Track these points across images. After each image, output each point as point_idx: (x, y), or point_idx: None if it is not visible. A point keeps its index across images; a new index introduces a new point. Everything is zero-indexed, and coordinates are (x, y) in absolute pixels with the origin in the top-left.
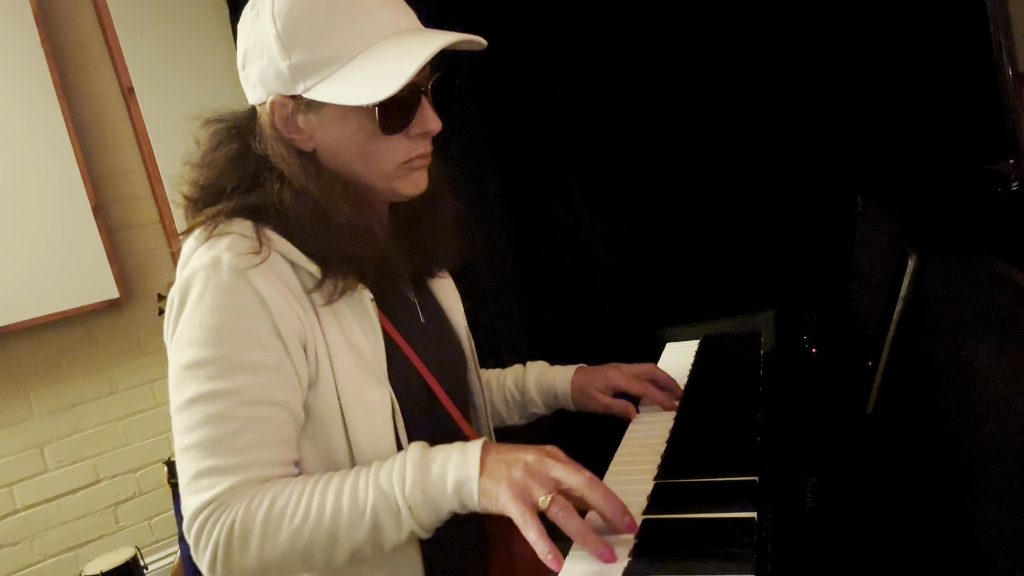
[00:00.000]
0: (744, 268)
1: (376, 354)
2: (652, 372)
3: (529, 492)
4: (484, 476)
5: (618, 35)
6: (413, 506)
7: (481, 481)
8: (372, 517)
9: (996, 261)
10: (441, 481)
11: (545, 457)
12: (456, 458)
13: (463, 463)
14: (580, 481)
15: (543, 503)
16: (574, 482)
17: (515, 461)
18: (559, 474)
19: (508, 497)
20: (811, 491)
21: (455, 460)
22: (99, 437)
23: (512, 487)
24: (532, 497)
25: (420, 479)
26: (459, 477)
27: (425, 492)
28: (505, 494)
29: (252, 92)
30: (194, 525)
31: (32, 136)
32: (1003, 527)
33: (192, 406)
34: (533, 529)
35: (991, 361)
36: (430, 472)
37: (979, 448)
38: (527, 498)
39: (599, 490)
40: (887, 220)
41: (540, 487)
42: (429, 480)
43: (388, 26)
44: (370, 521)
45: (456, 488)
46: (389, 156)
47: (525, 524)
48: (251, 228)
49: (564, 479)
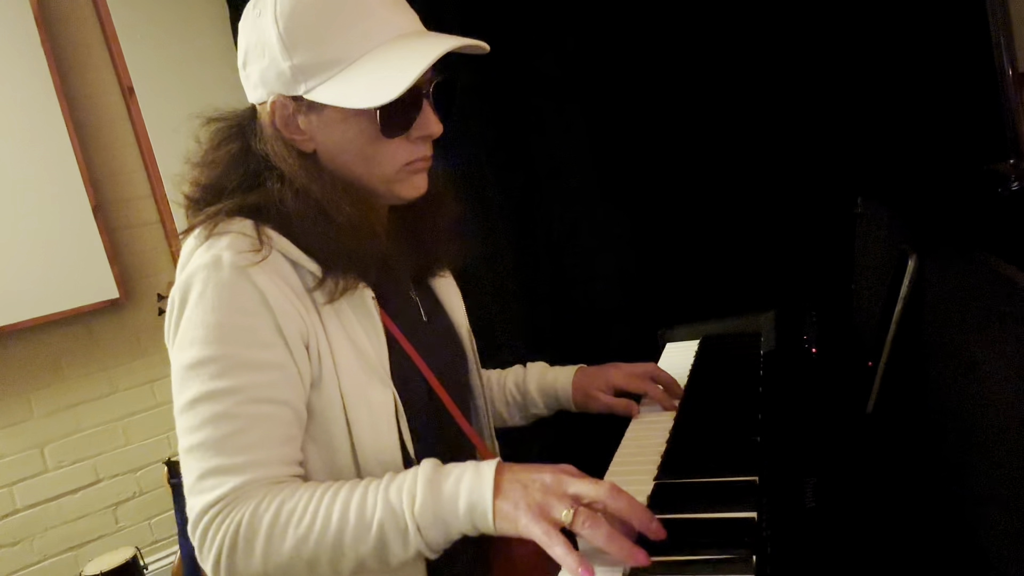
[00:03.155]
0: (744, 268)
1: (378, 353)
2: (653, 371)
3: (549, 511)
4: (500, 498)
5: (619, 37)
6: (423, 526)
7: (497, 504)
8: (378, 533)
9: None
10: (453, 502)
11: (562, 475)
12: (469, 479)
13: (477, 484)
14: (601, 493)
15: (566, 517)
16: (595, 495)
17: (531, 481)
18: (578, 490)
19: (529, 519)
20: (811, 491)
21: (468, 481)
22: (99, 437)
23: (531, 508)
24: (553, 515)
25: (431, 499)
26: (472, 499)
27: (436, 513)
28: (525, 515)
29: (253, 91)
30: (199, 525)
31: (32, 136)
32: (1003, 527)
33: (195, 406)
34: (559, 546)
35: (991, 361)
36: (442, 492)
37: (979, 448)
38: (548, 517)
39: (622, 499)
40: (887, 220)
41: (560, 504)
42: (440, 501)
43: (391, 29)
44: (376, 536)
45: (469, 511)
46: (390, 159)
47: (550, 542)
48: (251, 227)
49: (584, 493)
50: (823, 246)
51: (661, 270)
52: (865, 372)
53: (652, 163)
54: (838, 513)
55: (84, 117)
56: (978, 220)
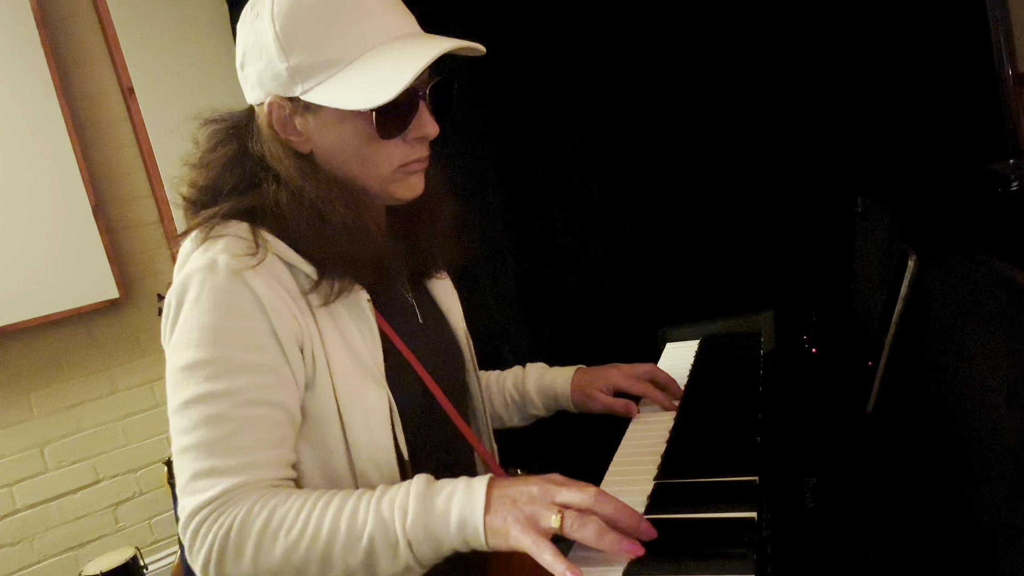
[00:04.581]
0: (744, 268)
1: (373, 355)
2: (652, 372)
3: (537, 520)
4: (490, 514)
5: (618, 37)
6: (414, 541)
7: (487, 519)
8: (368, 545)
9: (996, 261)
10: (444, 518)
11: (550, 485)
12: (461, 495)
13: (468, 501)
14: (587, 499)
15: (554, 522)
16: (581, 501)
17: (519, 495)
18: (565, 497)
19: (518, 531)
20: (811, 491)
21: (460, 497)
22: (99, 437)
23: (519, 520)
24: (542, 524)
25: (423, 514)
26: (463, 515)
27: (427, 528)
28: (514, 528)
29: (250, 92)
30: (190, 526)
31: (32, 136)
32: (1003, 527)
33: (190, 407)
34: (547, 552)
35: (991, 361)
36: (434, 507)
37: (979, 448)
38: (537, 526)
39: (610, 503)
40: (887, 220)
41: (548, 512)
42: (432, 516)
43: (388, 30)
44: (366, 549)
45: (460, 527)
46: (386, 160)
47: (539, 550)
48: (247, 230)
49: (571, 501)
50: (823, 246)
51: (661, 270)
52: (865, 372)
53: (652, 163)
54: (838, 513)
55: (84, 117)
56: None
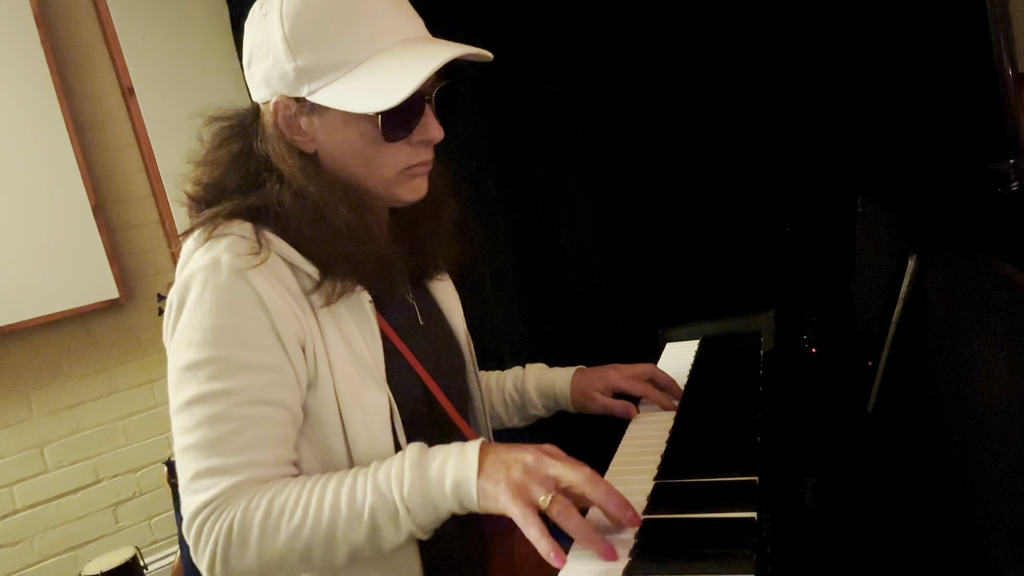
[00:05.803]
0: (744, 268)
1: (374, 356)
2: (652, 372)
3: (529, 492)
4: (483, 477)
5: (619, 37)
6: (412, 508)
7: (480, 482)
8: (370, 518)
9: (996, 261)
10: (440, 482)
11: (544, 456)
12: (454, 459)
13: (461, 464)
14: (580, 478)
15: (544, 503)
16: (574, 479)
17: (514, 461)
18: (558, 472)
19: (508, 498)
20: (811, 491)
21: (453, 461)
22: (99, 437)
23: (511, 488)
24: (532, 497)
25: (418, 480)
26: (457, 478)
27: (424, 494)
28: (505, 495)
29: (256, 91)
30: (193, 525)
31: (32, 136)
32: (1003, 527)
33: (191, 407)
34: (534, 528)
35: (991, 361)
36: (428, 473)
37: (979, 448)
38: (527, 498)
39: (600, 486)
40: (887, 220)
41: (540, 486)
42: (428, 482)
43: (396, 34)
44: (368, 522)
45: (454, 489)
46: (390, 162)
47: (526, 523)
48: (250, 230)
49: (563, 477)
50: (823, 246)
51: (661, 270)
52: (865, 372)
53: (652, 163)
54: (838, 513)
55: (84, 117)
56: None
